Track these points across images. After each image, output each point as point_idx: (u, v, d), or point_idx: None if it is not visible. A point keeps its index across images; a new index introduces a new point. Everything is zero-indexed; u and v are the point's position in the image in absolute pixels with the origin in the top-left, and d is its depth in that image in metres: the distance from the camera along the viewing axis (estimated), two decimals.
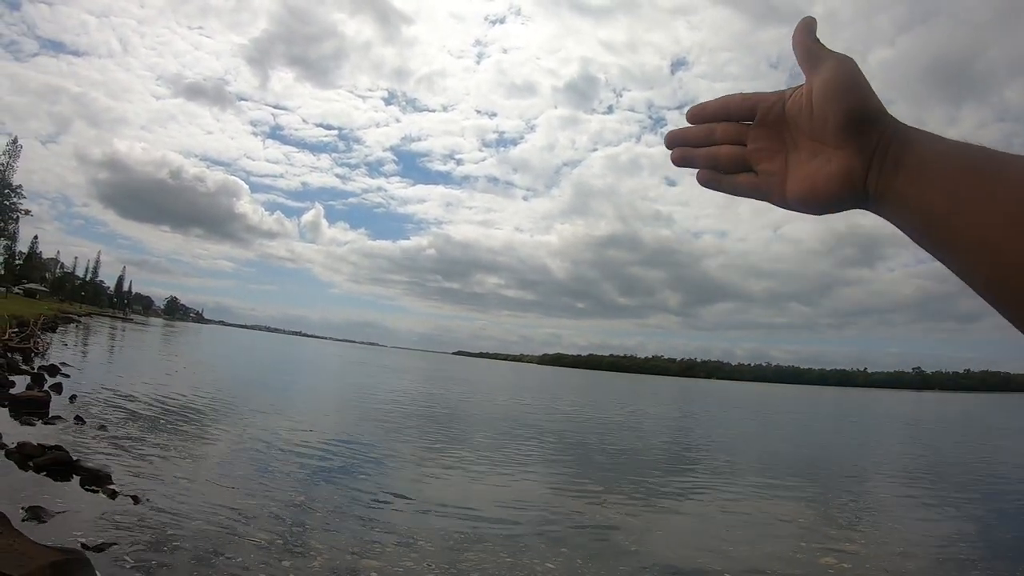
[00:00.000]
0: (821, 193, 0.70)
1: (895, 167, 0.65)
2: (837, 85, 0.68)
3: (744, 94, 0.80)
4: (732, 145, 0.80)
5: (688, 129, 0.84)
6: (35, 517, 7.92)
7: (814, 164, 0.71)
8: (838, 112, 0.67)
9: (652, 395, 74.72)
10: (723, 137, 0.81)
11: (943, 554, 10.57)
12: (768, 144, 0.77)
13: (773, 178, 0.76)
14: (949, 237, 0.61)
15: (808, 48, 0.74)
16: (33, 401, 15.58)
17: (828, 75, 0.69)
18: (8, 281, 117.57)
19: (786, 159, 0.75)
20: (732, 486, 15.48)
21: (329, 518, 9.66)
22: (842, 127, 0.67)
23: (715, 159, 0.81)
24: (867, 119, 0.67)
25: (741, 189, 0.80)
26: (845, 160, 0.68)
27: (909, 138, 0.66)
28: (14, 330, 36.07)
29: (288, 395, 29.83)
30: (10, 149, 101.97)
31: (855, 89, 0.68)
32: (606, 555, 9.36)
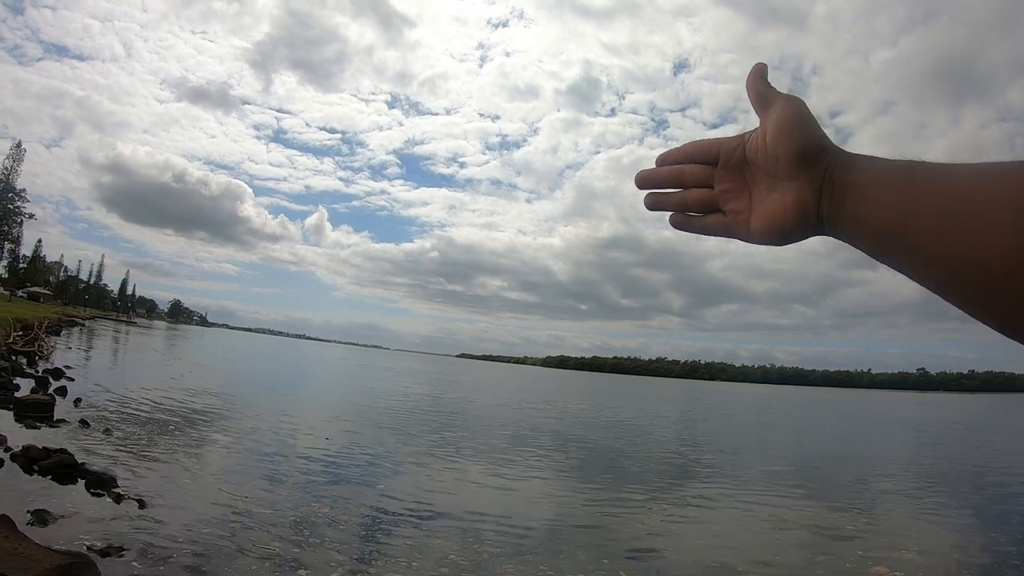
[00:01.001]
0: (778, 225, 0.76)
1: (843, 191, 0.69)
2: (785, 124, 0.75)
3: (705, 140, 0.86)
4: (700, 188, 0.86)
5: (657, 171, 0.89)
6: (40, 520, 7.91)
7: (772, 199, 0.77)
8: (788, 149, 0.74)
9: (656, 397, 74.58)
10: (691, 179, 0.86)
11: (951, 560, 10.52)
12: (733, 185, 0.82)
13: (740, 216, 0.81)
14: (899, 249, 0.65)
15: (760, 92, 0.80)
16: (38, 404, 15.56)
17: (777, 116, 0.76)
18: (12, 285, 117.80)
19: (750, 198, 0.81)
20: (739, 490, 15.40)
21: (335, 524, 9.62)
22: (792, 162, 0.73)
23: (685, 203, 0.87)
24: (814, 152, 0.72)
25: (711, 229, 0.86)
26: (798, 192, 0.73)
27: (851, 163, 0.71)
28: (18, 333, 36.12)
29: (292, 399, 29.84)
30: (13, 153, 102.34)
31: (802, 126, 0.74)
32: (614, 559, 9.33)
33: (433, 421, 25.45)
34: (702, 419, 42.58)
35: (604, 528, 10.95)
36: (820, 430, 41.23)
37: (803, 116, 0.75)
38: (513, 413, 33.86)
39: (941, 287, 0.64)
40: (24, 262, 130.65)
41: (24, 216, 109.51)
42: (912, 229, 0.63)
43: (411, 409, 30.05)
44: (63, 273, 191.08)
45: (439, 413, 29.47)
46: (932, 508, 14.22)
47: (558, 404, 45.70)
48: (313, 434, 17.74)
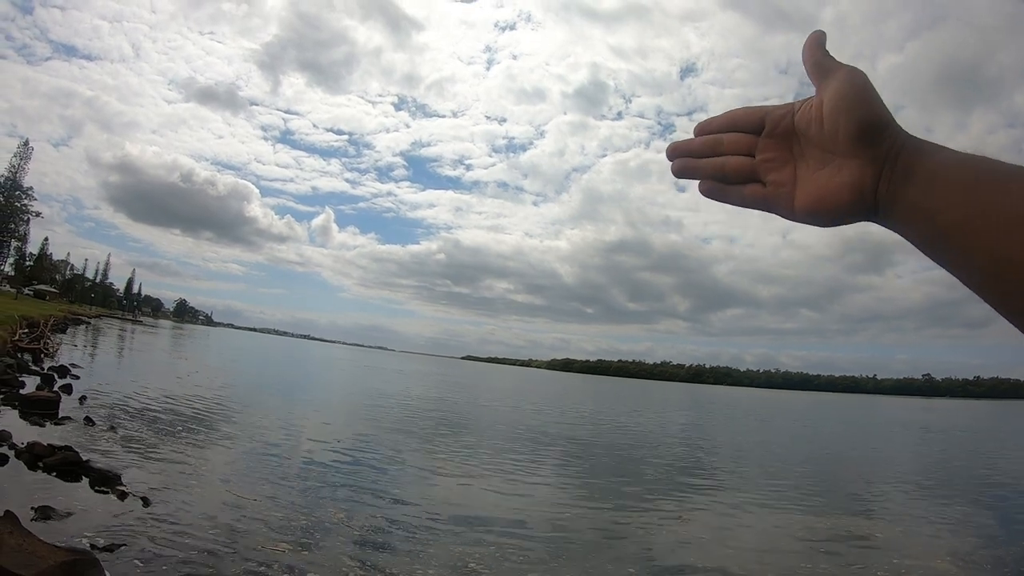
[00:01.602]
0: (831, 203, 0.70)
1: (905, 177, 0.65)
2: (848, 96, 0.69)
3: (751, 107, 0.80)
4: (740, 156, 0.79)
5: (692, 141, 0.83)
6: (45, 517, 7.92)
7: (824, 175, 0.71)
8: (849, 123, 0.68)
9: (661, 401, 74.44)
10: (730, 148, 0.80)
11: (952, 563, 10.49)
12: (777, 155, 0.77)
13: (782, 189, 0.76)
14: (960, 247, 0.60)
15: (818, 61, 0.74)
16: (43, 401, 15.60)
17: (839, 87, 0.70)
18: (19, 282, 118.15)
19: (795, 170, 0.75)
20: (745, 495, 15.38)
21: (338, 524, 9.63)
22: (853, 137, 0.68)
23: (722, 169, 0.80)
24: (877, 129, 0.67)
25: (749, 200, 0.79)
26: (856, 170, 0.68)
27: (919, 148, 0.66)
28: (24, 331, 36.19)
29: (298, 400, 29.85)
30: (21, 151, 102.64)
31: (866, 100, 0.69)
32: (619, 564, 9.32)
33: (440, 424, 25.47)
34: (707, 424, 42.53)
35: (610, 533, 10.94)
36: (825, 436, 41.15)
37: (867, 89, 0.69)
38: (519, 416, 33.84)
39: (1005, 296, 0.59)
40: (31, 260, 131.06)
41: (31, 214, 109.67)
42: (977, 229, 0.58)
43: (418, 412, 30.03)
44: (69, 271, 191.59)
45: (446, 416, 29.50)
46: (938, 515, 14.18)
47: (563, 408, 45.65)
48: (319, 435, 17.74)
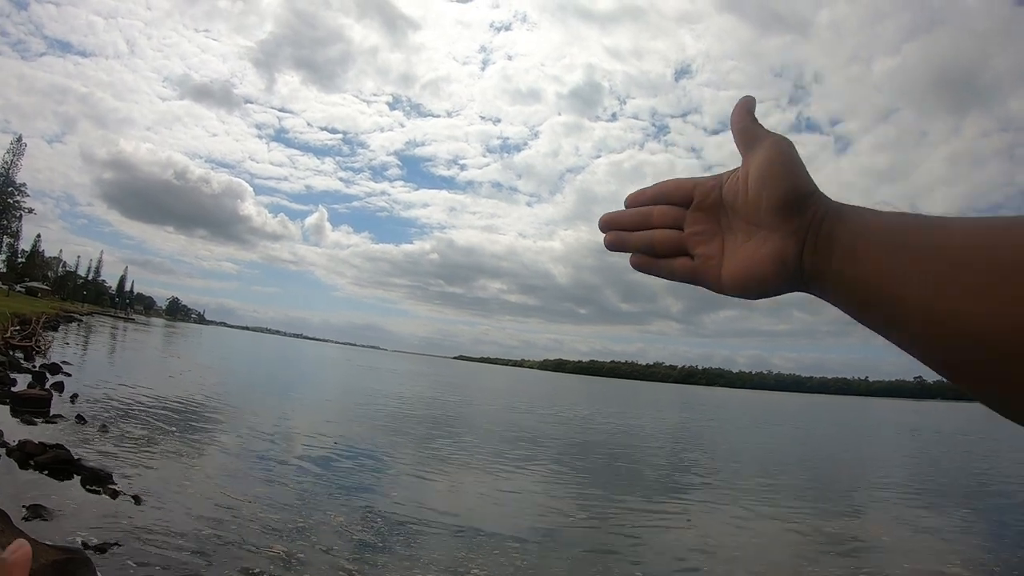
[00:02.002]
0: (756, 277, 0.68)
1: (828, 247, 0.62)
2: (771, 168, 0.67)
3: (681, 179, 0.78)
4: (669, 229, 0.78)
5: (623, 213, 0.81)
6: (36, 516, 7.91)
7: (749, 247, 0.69)
8: (771, 195, 0.66)
9: (653, 402, 74.47)
10: (660, 220, 0.78)
11: (950, 567, 10.53)
12: (705, 227, 0.75)
13: (710, 262, 0.73)
14: (886, 311, 0.58)
15: (745, 128, 0.73)
16: (34, 399, 15.56)
17: (763, 158, 0.68)
18: (10, 279, 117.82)
19: (723, 243, 0.73)
20: (736, 497, 15.42)
21: (330, 523, 9.63)
22: (775, 209, 0.66)
23: (650, 242, 0.78)
24: (799, 201, 0.65)
25: (678, 273, 0.77)
26: (779, 242, 0.66)
27: (840, 215, 0.63)
28: (16, 328, 36.10)
29: (290, 399, 29.75)
30: (14, 147, 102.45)
31: (789, 172, 0.67)
32: (609, 567, 9.34)
33: (433, 425, 25.45)
34: (700, 426, 42.58)
35: (603, 535, 10.97)
36: (818, 438, 41.25)
37: (791, 159, 0.67)
38: (512, 417, 33.84)
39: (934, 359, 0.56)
40: (23, 256, 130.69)
41: (24, 210, 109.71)
42: (905, 294, 0.56)
43: (411, 412, 30.04)
44: (62, 268, 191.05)
45: (439, 417, 29.45)
46: (933, 518, 14.23)
47: (556, 409, 45.66)
48: (312, 435, 17.71)
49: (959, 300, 0.52)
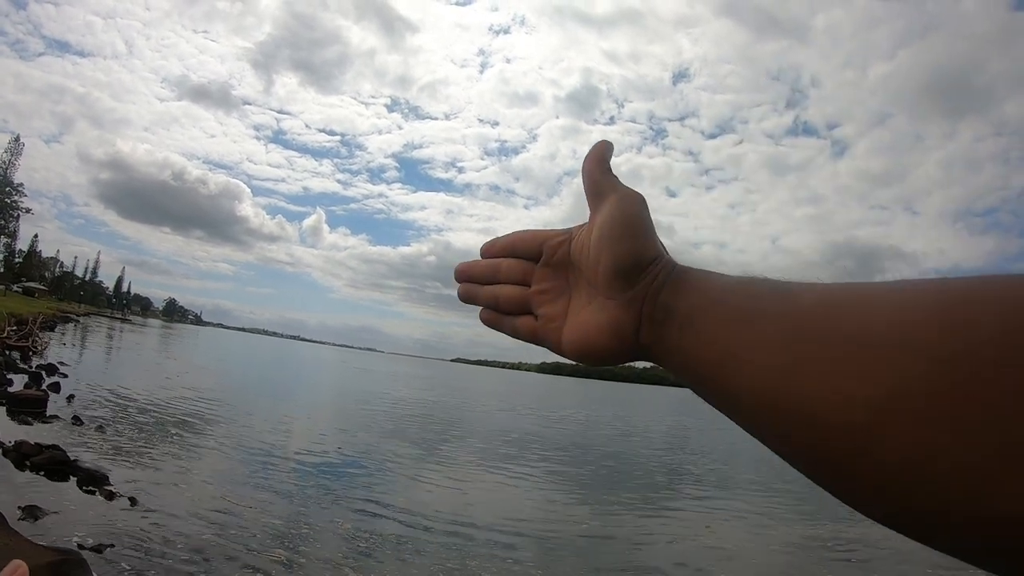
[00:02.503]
0: (593, 345, 0.63)
1: (665, 319, 0.57)
2: (612, 228, 0.62)
3: (533, 231, 0.74)
4: (515, 285, 0.74)
5: (475, 264, 0.78)
6: (31, 516, 7.90)
7: (588, 312, 0.64)
8: (608, 259, 0.61)
9: (649, 405, 74.56)
10: (507, 275, 0.75)
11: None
12: (552, 285, 0.70)
13: (552, 324, 0.69)
14: (726, 391, 0.51)
15: (596, 181, 0.67)
16: (31, 400, 15.53)
17: (606, 215, 0.63)
18: (7, 279, 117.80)
19: (568, 303, 0.68)
20: (735, 501, 15.44)
21: (325, 525, 9.62)
22: (612, 276, 0.61)
23: (495, 300, 0.75)
24: (635, 268, 0.60)
25: (520, 333, 0.73)
26: (614, 311, 0.61)
27: (681, 283, 0.58)
28: (13, 328, 36.03)
29: (287, 401, 29.69)
30: (12, 147, 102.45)
31: (630, 233, 0.61)
32: (605, 571, 9.35)
33: (433, 428, 25.47)
34: (699, 428, 42.53)
35: (598, 539, 10.97)
36: None
37: (635, 219, 0.62)
38: (510, 420, 33.83)
39: (775, 440, 0.48)
40: (20, 257, 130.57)
41: (21, 210, 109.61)
42: (743, 369, 0.49)
43: (409, 415, 29.99)
44: (59, 269, 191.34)
45: (438, 420, 29.40)
46: None
47: (553, 412, 45.70)
48: (309, 438, 17.70)
49: (793, 375, 0.45)
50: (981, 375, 0.36)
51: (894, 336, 0.40)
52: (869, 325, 0.42)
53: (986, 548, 0.36)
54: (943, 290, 0.41)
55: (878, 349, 0.41)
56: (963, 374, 0.36)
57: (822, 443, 0.43)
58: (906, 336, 0.40)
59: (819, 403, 0.43)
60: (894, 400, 0.39)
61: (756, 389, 0.47)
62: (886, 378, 0.39)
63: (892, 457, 0.39)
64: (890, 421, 0.39)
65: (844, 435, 0.41)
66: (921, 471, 0.37)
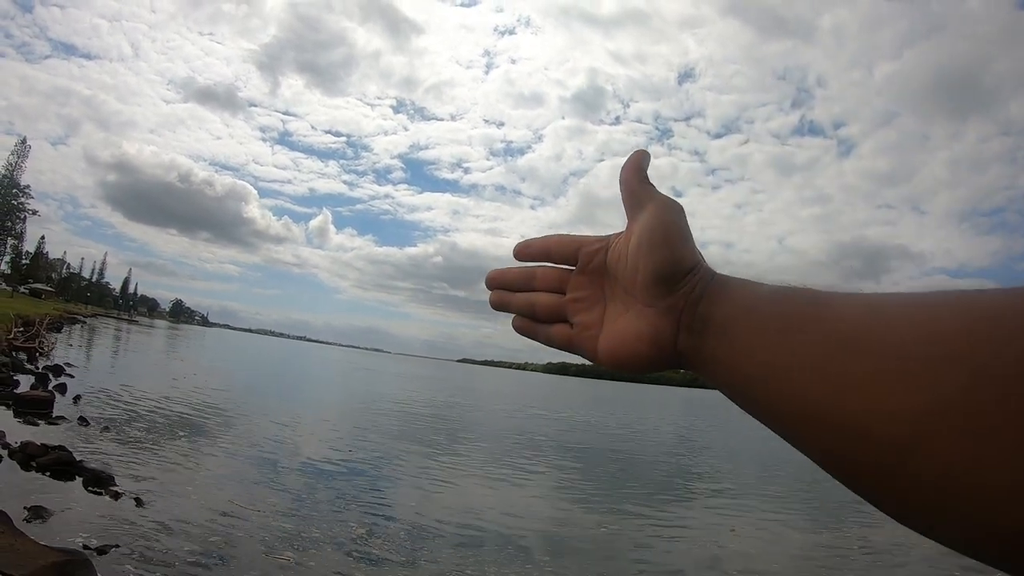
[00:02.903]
0: (629, 353, 0.63)
1: (703, 328, 0.57)
2: (652, 236, 0.62)
3: (567, 236, 0.73)
4: (550, 293, 0.73)
5: (508, 272, 0.77)
6: (37, 517, 7.87)
7: (626, 320, 0.64)
8: (647, 267, 0.61)
9: (657, 406, 74.49)
10: (543, 283, 0.74)
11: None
12: (587, 293, 0.69)
13: (587, 332, 0.68)
14: (766, 401, 0.51)
15: (634, 190, 0.67)
16: (37, 401, 15.53)
17: (645, 224, 0.63)
18: (14, 280, 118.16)
19: (604, 311, 0.67)
20: (743, 502, 15.38)
21: (332, 529, 9.56)
22: (649, 284, 0.61)
23: (532, 307, 0.74)
24: (675, 276, 0.60)
25: (555, 341, 0.72)
26: (653, 319, 0.61)
27: (720, 292, 0.58)
28: (19, 329, 36.12)
29: (295, 403, 29.69)
30: (18, 149, 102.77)
31: (669, 242, 0.61)
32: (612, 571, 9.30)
33: (441, 429, 25.34)
34: (703, 429, 42.47)
35: (606, 541, 10.92)
36: None
37: (674, 228, 0.62)
38: (517, 421, 33.73)
39: (815, 451, 0.48)
40: (27, 258, 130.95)
41: (28, 212, 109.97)
42: (781, 381, 0.49)
43: (417, 416, 30.00)
44: (65, 270, 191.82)
45: (447, 421, 29.35)
46: None
47: (561, 412, 45.66)
48: (317, 440, 17.66)
49: (833, 387, 0.45)
50: (1016, 389, 0.35)
51: (934, 349, 0.40)
52: (908, 337, 0.42)
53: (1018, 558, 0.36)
54: (974, 302, 0.41)
55: (918, 361, 0.40)
56: (999, 388, 0.36)
57: (864, 455, 0.43)
58: (944, 349, 0.40)
59: (862, 416, 0.42)
60: (935, 414, 0.38)
61: (796, 400, 0.47)
62: (927, 391, 0.39)
63: (933, 470, 0.39)
64: (931, 434, 0.38)
65: (887, 448, 0.41)
66: (960, 484, 0.37)
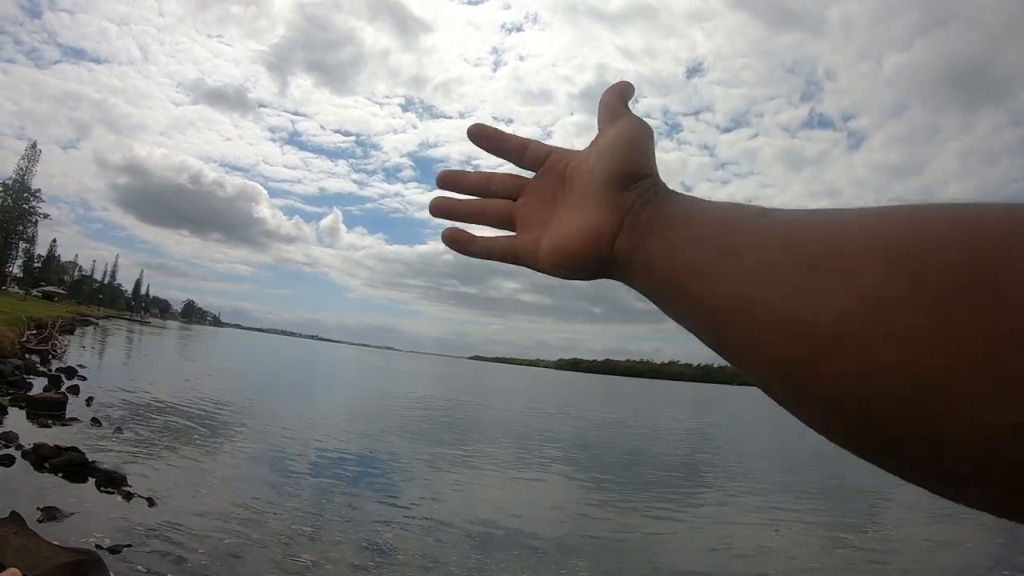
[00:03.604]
0: (570, 249, 0.63)
1: (644, 228, 0.58)
2: (619, 139, 0.64)
3: (543, 143, 0.73)
4: (504, 201, 0.73)
5: (466, 173, 0.77)
6: (50, 518, 7.93)
7: (570, 218, 0.64)
8: (606, 165, 0.62)
9: (669, 401, 74.41)
10: (500, 187, 0.74)
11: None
12: (541, 197, 0.70)
13: (531, 235, 0.68)
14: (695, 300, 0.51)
15: (613, 108, 0.68)
16: (50, 402, 15.63)
17: (613, 132, 0.65)
18: (27, 284, 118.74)
19: (551, 216, 0.67)
20: (757, 499, 15.36)
21: (345, 528, 9.59)
22: (604, 180, 0.62)
23: (483, 213, 0.74)
24: (629, 177, 0.61)
25: (495, 252, 0.72)
26: (598, 215, 0.61)
27: (667, 201, 0.59)
28: (32, 332, 36.30)
29: (307, 402, 29.77)
30: (29, 154, 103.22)
31: (631, 148, 0.63)
32: (627, 571, 9.31)
33: (455, 427, 25.44)
34: (715, 424, 42.41)
35: (620, 539, 10.92)
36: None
37: (640, 139, 0.63)
38: (530, 419, 33.67)
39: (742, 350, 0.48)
40: (39, 261, 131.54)
41: (39, 216, 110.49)
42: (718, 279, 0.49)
43: (429, 413, 30.05)
44: (77, 273, 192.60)
45: (460, 419, 29.43)
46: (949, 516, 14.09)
47: (573, 409, 45.66)
48: (330, 439, 17.65)
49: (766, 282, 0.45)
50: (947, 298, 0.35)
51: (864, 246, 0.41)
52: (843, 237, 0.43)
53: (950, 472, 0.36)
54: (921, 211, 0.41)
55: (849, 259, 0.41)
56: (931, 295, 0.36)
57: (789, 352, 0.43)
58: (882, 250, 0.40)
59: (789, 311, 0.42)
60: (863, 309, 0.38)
61: (730, 298, 0.47)
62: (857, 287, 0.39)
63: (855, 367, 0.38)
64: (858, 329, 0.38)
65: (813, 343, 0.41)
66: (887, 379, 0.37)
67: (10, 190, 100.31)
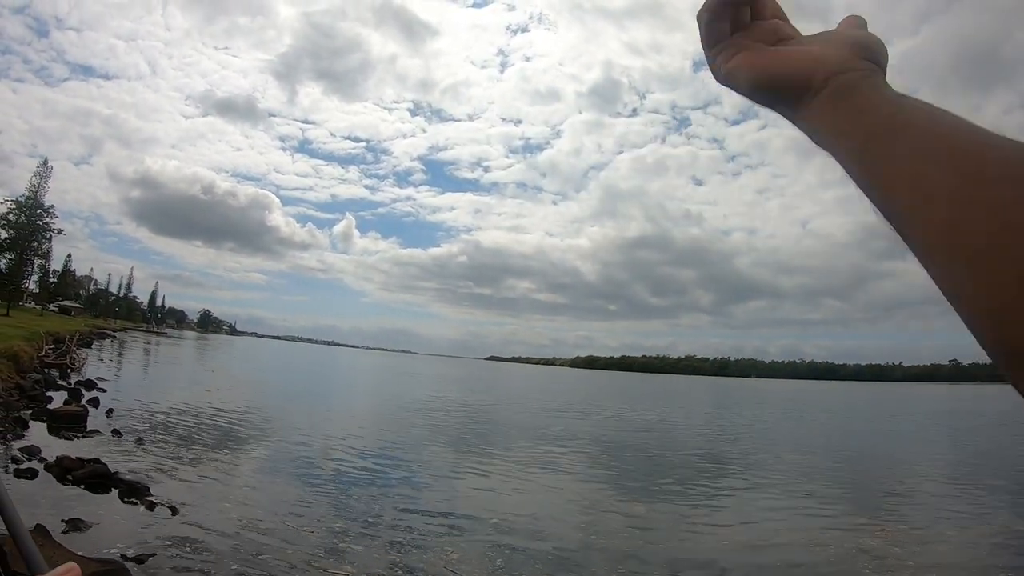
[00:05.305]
0: (794, 64, 0.64)
1: (874, 81, 0.59)
2: (870, 33, 0.65)
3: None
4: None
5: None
6: (75, 529, 7.97)
7: (802, 48, 0.65)
8: (859, 33, 0.65)
9: (686, 396, 74.22)
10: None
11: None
12: (762, 33, 0.68)
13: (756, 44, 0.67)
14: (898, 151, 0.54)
15: (859, 23, 0.69)
16: (71, 415, 15.74)
17: (867, 31, 0.66)
18: (43, 299, 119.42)
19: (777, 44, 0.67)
20: (778, 495, 15.30)
21: (366, 534, 9.60)
22: (852, 38, 0.64)
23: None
24: (871, 54, 0.62)
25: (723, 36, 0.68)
26: (839, 50, 0.62)
27: (877, 84, 0.60)
28: (50, 346, 36.52)
29: (326, 408, 29.85)
30: (41, 171, 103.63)
31: (879, 42, 0.65)
32: (649, 567, 9.28)
33: (465, 427, 25.46)
34: (732, 419, 42.24)
35: (640, 535, 10.89)
36: (850, 428, 40.81)
37: (883, 45, 0.64)
38: (547, 418, 33.55)
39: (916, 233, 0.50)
40: (54, 277, 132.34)
41: (53, 231, 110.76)
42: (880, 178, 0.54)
43: (443, 415, 30.03)
44: (93, 286, 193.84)
45: (472, 419, 29.47)
46: (969, 512, 13.99)
47: (590, 406, 45.51)
48: (349, 446, 17.65)
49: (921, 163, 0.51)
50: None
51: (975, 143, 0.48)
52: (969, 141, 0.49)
53: None
54: None
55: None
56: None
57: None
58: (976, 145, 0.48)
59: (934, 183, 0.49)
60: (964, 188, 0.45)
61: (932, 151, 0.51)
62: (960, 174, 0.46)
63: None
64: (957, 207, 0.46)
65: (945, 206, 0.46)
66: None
67: (23, 207, 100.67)
